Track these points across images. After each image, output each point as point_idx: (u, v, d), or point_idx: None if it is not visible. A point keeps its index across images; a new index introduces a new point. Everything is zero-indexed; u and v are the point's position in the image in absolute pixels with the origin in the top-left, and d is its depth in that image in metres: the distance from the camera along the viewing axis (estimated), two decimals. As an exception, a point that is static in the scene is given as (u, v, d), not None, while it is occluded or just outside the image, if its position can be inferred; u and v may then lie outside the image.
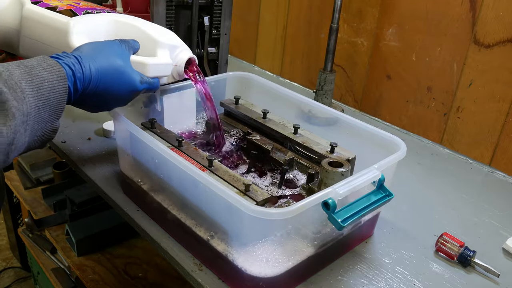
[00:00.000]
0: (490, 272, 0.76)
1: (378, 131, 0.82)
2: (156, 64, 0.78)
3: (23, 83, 0.56)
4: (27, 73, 0.58)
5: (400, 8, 1.17)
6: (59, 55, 0.65)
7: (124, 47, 0.74)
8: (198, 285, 0.70)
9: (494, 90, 1.05)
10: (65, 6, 0.82)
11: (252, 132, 0.89)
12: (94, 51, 0.69)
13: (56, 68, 0.61)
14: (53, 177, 1.68)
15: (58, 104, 0.61)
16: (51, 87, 0.60)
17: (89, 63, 0.66)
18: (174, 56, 0.81)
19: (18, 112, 0.55)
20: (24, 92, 0.56)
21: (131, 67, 0.73)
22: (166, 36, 0.81)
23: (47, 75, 0.60)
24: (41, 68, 0.60)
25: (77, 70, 0.64)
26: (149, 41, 0.80)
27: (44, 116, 0.60)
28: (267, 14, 1.53)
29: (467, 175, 1.07)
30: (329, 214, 0.63)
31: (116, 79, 0.70)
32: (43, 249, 1.56)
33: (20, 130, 0.56)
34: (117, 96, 0.72)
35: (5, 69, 0.56)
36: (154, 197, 0.78)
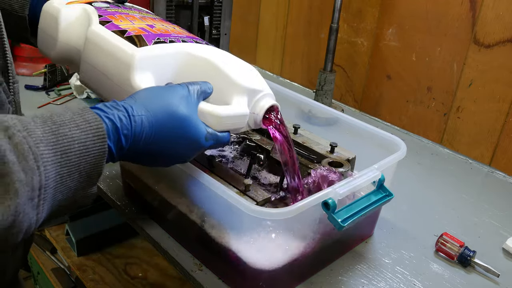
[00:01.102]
0: (490, 272, 0.76)
1: (378, 131, 0.83)
2: (230, 116, 0.63)
3: (41, 147, 0.45)
4: (52, 133, 0.46)
5: (400, 8, 1.17)
6: (106, 105, 0.53)
7: (192, 93, 0.61)
8: (198, 285, 0.70)
9: (494, 90, 1.05)
10: (136, 31, 0.69)
11: (252, 132, 0.89)
12: (152, 98, 0.57)
13: (94, 125, 0.49)
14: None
15: (92, 169, 0.49)
16: (83, 150, 0.48)
17: (142, 116, 0.54)
18: (254, 103, 0.67)
19: (24, 187, 0.43)
20: (40, 160, 0.44)
21: (196, 120, 0.59)
22: (247, 77, 0.67)
23: (79, 135, 0.48)
24: (73, 125, 0.48)
25: (124, 126, 0.52)
26: (225, 83, 0.65)
27: (71, 185, 0.48)
28: (267, 14, 1.53)
29: (467, 175, 1.07)
30: (329, 214, 0.63)
31: (176, 135, 0.57)
32: (43, 249, 1.56)
33: (26, 209, 0.44)
34: (177, 154, 0.60)
35: (24, 127, 0.44)
36: (156, 189, 0.77)
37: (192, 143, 0.60)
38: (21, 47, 1.35)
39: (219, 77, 0.66)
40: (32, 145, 0.44)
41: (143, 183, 0.80)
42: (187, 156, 0.61)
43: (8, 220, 0.42)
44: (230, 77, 0.65)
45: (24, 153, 0.43)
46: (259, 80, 0.69)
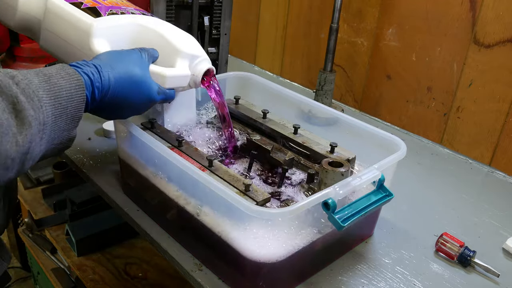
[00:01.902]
0: (490, 272, 0.76)
1: (378, 131, 0.83)
2: (174, 76, 0.76)
3: (40, 92, 0.56)
4: (46, 82, 0.58)
5: (400, 8, 1.17)
6: (78, 63, 0.65)
7: (143, 57, 0.73)
8: (198, 285, 0.70)
9: (494, 90, 1.05)
10: (90, 3, 0.80)
11: (252, 132, 0.89)
12: (114, 60, 0.69)
13: (74, 77, 0.61)
14: (53, 177, 1.68)
15: (76, 113, 0.61)
16: (69, 96, 0.59)
17: (108, 72, 0.66)
18: (193, 66, 0.80)
19: (35, 121, 0.54)
20: (42, 101, 0.56)
21: (149, 78, 0.72)
22: (187, 45, 0.79)
23: (65, 84, 0.59)
24: (59, 76, 0.59)
25: (96, 80, 0.64)
26: (169, 50, 0.78)
27: (61, 125, 0.59)
28: (267, 14, 1.53)
29: (467, 175, 1.07)
30: (329, 214, 0.64)
31: (134, 89, 0.70)
32: (43, 249, 1.56)
33: (36, 139, 0.55)
34: (134, 106, 0.72)
35: (24, 77, 0.56)
36: (155, 183, 0.78)
37: (147, 97, 0.72)
38: (21, 47, 1.35)
39: (164, 45, 0.78)
40: (34, 90, 0.55)
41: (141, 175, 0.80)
42: (142, 108, 0.74)
43: (25, 146, 0.53)
44: (173, 44, 0.78)
45: (31, 95, 0.54)
46: (197, 47, 0.81)
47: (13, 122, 0.52)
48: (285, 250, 0.64)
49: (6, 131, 0.51)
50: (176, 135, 0.80)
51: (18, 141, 0.52)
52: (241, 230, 0.64)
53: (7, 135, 0.51)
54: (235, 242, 0.65)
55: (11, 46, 1.35)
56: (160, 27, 0.80)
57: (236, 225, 0.64)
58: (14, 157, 0.52)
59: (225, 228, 0.66)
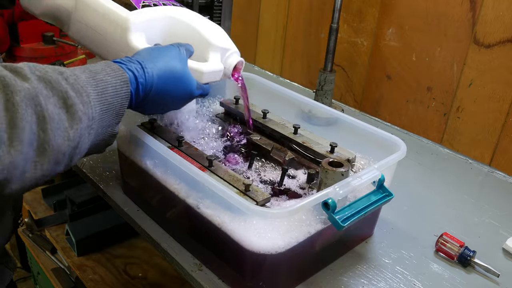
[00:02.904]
0: (490, 272, 0.76)
1: (378, 131, 0.83)
2: (211, 72, 0.77)
3: (88, 87, 0.57)
4: (92, 78, 0.58)
5: (400, 8, 1.17)
6: (122, 60, 0.65)
7: (182, 52, 0.73)
8: (198, 285, 0.70)
9: (494, 90, 1.05)
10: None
11: (252, 132, 0.89)
12: (155, 56, 0.69)
13: (119, 73, 0.62)
14: (53, 177, 1.68)
15: (120, 108, 0.62)
16: (115, 92, 0.60)
17: (152, 68, 0.67)
18: (225, 59, 0.81)
19: (84, 116, 0.55)
20: (90, 96, 0.56)
21: (189, 73, 0.73)
22: (219, 38, 0.80)
23: (111, 80, 0.60)
24: (105, 73, 0.60)
25: (140, 76, 0.65)
26: (202, 43, 0.78)
27: (106, 120, 0.60)
28: (267, 14, 1.53)
29: (467, 175, 1.07)
30: (329, 214, 0.63)
31: (176, 85, 0.70)
32: (43, 249, 1.56)
33: (85, 134, 0.56)
34: (175, 101, 0.73)
35: (72, 73, 0.56)
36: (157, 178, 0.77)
37: (188, 92, 0.73)
38: (21, 47, 1.35)
39: (197, 38, 0.79)
40: (82, 85, 0.56)
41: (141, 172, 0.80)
42: (182, 103, 0.75)
43: (76, 141, 0.54)
44: (206, 38, 0.79)
45: (80, 90, 0.55)
46: (228, 39, 0.83)
47: (64, 117, 0.52)
48: (284, 242, 0.64)
49: (58, 125, 0.51)
50: (176, 135, 0.80)
51: (70, 135, 0.53)
52: (241, 221, 0.64)
53: (59, 129, 0.52)
54: (235, 234, 0.64)
55: (11, 46, 1.35)
56: (192, 19, 0.80)
57: (236, 217, 0.64)
58: (65, 152, 0.53)
59: (225, 219, 0.66)
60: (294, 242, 0.65)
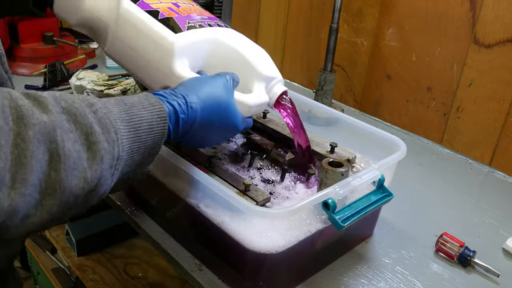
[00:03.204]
0: (490, 272, 0.76)
1: (378, 131, 0.83)
2: (257, 105, 0.72)
3: (118, 123, 0.51)
4: (125, 112, 0.52)
5: (400, 8, 1.17)
6: (165, 92, 0.60)
7: (229, 83, 0.68)
8: (198, 285, 0.70)
9: (494, 90, 1.05)
10: (167, 12, 0.73)
11: (252, 132, 0.89)
12: (200, 88, 0.64)
13: (158, 107, 0.56)
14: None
15: (153, 147, 0.56)
16: (149, 129, 0.54)
17: (196, 103, 0.61)
18: (269, 88, 0.75)
19: (108, 155, 0.49)
20: (118, 133, 0.50)
21: (235, 106, 0.67)
22: (265, 65, 0.75)
23: (147, 115, 0.54)
24: (141, 106, 0.54)
25: (181, 111, 0.59)
26: (247, 70, 0.73)
27: (136, 159, 0.54)
28: (267, 14, 1.53)
29: (467, 175, 1.07)
30: (329, 214, 0.63)
31: (221, 119, 0.65)
32: (43, 249, 1.56)
33: (106, 175, 0.49)
34: (218, 136, 0.68)
35: (103, 105, 0.50)
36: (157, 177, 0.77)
37: (232, 126, 0.67)
38: (21, 47, 1.35)
39: (243, 65, 0.73)
40: (112, 120, 0.50)
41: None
42: (226, 138, 0.72)
43: (93, 183, 0.47)
44: (252, 65, 0.73)
45: (107, 126, 0.49)
46: (273, 66, 0.77)
47: (84, 155, 0.46)
48: (285, 241, 0.64)
49: (75, 165, 0.45)
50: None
51: (87, 177, 0.46)
52: (241, 221, 0.64)
53: (75, 170, 0.45)
54: (235, 233, 0.64)
55: (11, 46, 1.35)
56: (237, 43, 0.74)
57: (236, 216, 0.64)
58: (79, 194, 0.46)
59: (225, 219, 0.66)
60: (294, 241, 0.65)
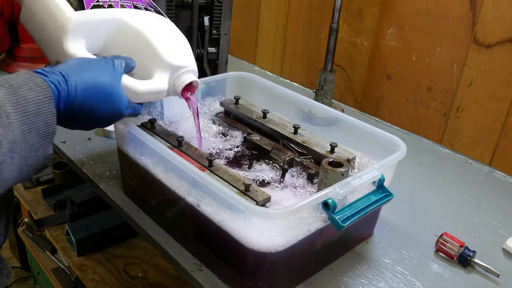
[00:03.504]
0: (490, 272, 0.76)
1: (378, 131, 0.83)
2: (148, 92, 0.69)
3: (7, 106, 0.50)
4: (12, 94, 0.51)
5: (400, 8, 1.17)
6: (44, 70, 0.58)
7: (116, 67, 0.67)
8: (198, 285, 0.70)
9: (494, 90, 1.05)
10: None
11: (252, 132, 0.89)
12: (83, 69, 0.63)
13: (43, 87, 0.55)
14: (53, 177, 1.68)
15: (47, 128, 0.55)
16: (37, 110, 0.53)
17: (76, 82, 0.60)
18: (176, 76, 0.73)
19: (5, 139, 0.48)
20: (10, 116, 0.49)
21: (120, 91, 0.67)
22: (172, 52, 0.71)
23: (33, 96, 0.53)
24: (27, 87, 0.53)
25: (62, 89, 0.58)
26: (151, 55, 0.70)
27: (32, 142, 0.53)
28: (267, 14, 1.53)
29: (467, 175, 1.07)
30: (329, 214, 0.63)
31: (102, 102, 0.64)
32: (43, 249, 1.56)
33: (7, 159, 0.49)
34: (100, 119, 0.66)
35: None
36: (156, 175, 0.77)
37: (115, 111, 0.66)
38: (21, 47, 1.35)
39: (147, 49, 0.70)
40: (1, 104, 0.49)
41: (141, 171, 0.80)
42: (108, 122, 0.68)
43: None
44: (157, 51, 0.70)
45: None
46: (186, 55, 0.74)
47: None
48: (284, 240, 0.64)
49: None
50: (176, 135, 0.80)
51: None
52: (241, 220, 0.64)
53: None
54: (235, 232, 0.64)
55: (11, 46, 1.35)
56: (146, 26, 0.71)
57: (236, 216, 0.64)
58: None
59: (225, 218, 0.66)
60: (294, 241, 0.65)
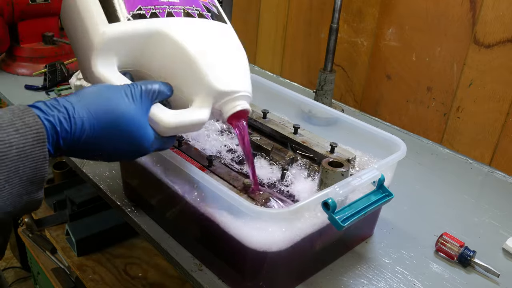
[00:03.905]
0: (490, 272, 0.76)
1: (378, 131, 0.83)
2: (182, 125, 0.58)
3: None
4: None
5: (400, 8, 1.17)
6: (46, 104, 0.51)
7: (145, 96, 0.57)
8: (198, 285, 0.70)
9: (494, 90, 1.05)
10: None
11: (252, 132, 0.89)
12: (97, 100, 0.54)
13: (34, 128, 0.47)
14: (53, 177, 1.68)
15: (33, 174, 0.48)
16: (22, 155, 0.46)
17: (84, 117, 0.52)
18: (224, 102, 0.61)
19: None
20: None
21: (143, 126, 0.56)
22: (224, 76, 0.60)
23: (17, 140, 0.46)
24: (12, 129, 0.46)
25: (63, 129, 0.50)
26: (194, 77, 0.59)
27: (12, 191, 0.46)
28: (267, 14, 1.53)
29: (467, 175, 1.07)
30: (329, 214, 0.63)
31: (117, 141, 0.55)
32: (43, 249, 1.56)
33: None
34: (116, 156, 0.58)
35: None
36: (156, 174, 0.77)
37: (136, 147, 0.57)
38: (21, 47, 1.35)
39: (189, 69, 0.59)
40: None
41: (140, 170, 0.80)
42: (129, 158, 0.60)
43: None
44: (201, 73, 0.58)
45: None
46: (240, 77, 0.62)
47: None
48: (285, 240, 0.64)
49: None
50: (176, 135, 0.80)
51: None
52: (241, 220, 0.64)
53: None
54: (235, 231, 0.64)
55: (11, 46, 1.35)
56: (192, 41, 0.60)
57: (237, 215, 0.64)
58: None
59: (225, 217, 0.65)
60: (294, 241, 0.65)
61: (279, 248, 0.63)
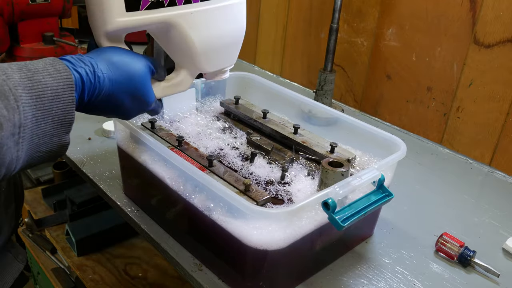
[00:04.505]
0: (490, 272, 0.76)
1: (378, 131, 0.83)
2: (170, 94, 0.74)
3: (19, 90, 0.49)
4: (28, 79, 0.51)
5: (400, 8, 1.17)
6: (73, 58, 0.58)
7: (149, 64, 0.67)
8: (198, 285, 0.70)
9: (494, 90, 1.05)
10: None
11: (252, 132, 0.89)
12: (116, 61, 0.62)
13: (64, 74, 0.54)
14: (53, 177, 1.68)
15: (64, 116, 0.54)
16: (55, 96, 0.52)
17: (105, 74, 0.60)
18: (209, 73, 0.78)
19: (8, 122, 0.48)
20: (19, 100, 0.49)
21: (150, 86, 0.67)
22: (213, 61, 0.75)
23: (52, 82, 0.52)
24: (46, 73, 0.52)
25: (88, 80, 0.57)
26: (190, 61, 0.73)
27: (46, 129, 0.52)
28: (267, 14, 1.53)
29: (467, 175, 1.07)
30: (329, 214, 0.63)
31: (131, 97, 0.64)
32: (43, 249, 1.56)
33: (9, 143, 0.48)
34: (124, 111, 0.66)
35: (3, 72, 0.49)
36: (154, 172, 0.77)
37: (142, 105, 0.67)
38: (21, 47, 1.35)
39: (189, 56, 0.71)
40: (11, 87, 0.49)
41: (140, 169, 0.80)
42: (132, 115, 0.68)
43: None
44: (197, 60, 0.71)
45: (5, 93, 0.48)
46: (225, 59, 0.76)
47: None
48: (285, 239, 0.64)
49: None
50: (176, 135, 0.80)
51: None
52: (241, 220, 0.64)
53: None
54: (235, 230, 0.64)
55: (11, 46, 1.35)
56: (195, 28, 0.69)
57: (237, 214, 0.64)
58: None
59: (225, 217, 0.66)
60: (294, 241, 0.65)
61: (279, 247, 0.63)
